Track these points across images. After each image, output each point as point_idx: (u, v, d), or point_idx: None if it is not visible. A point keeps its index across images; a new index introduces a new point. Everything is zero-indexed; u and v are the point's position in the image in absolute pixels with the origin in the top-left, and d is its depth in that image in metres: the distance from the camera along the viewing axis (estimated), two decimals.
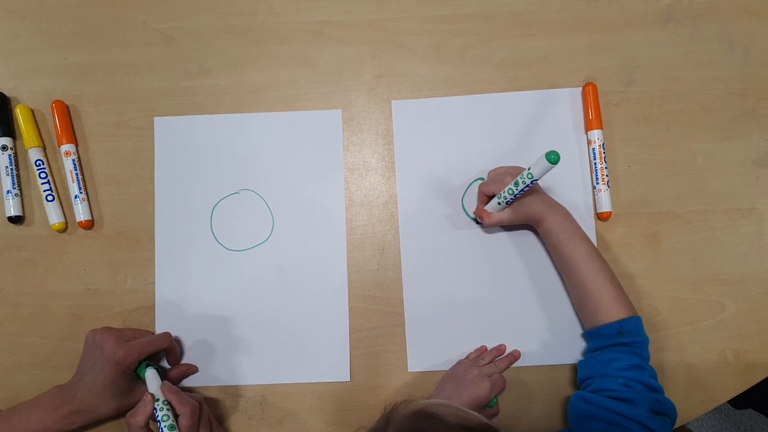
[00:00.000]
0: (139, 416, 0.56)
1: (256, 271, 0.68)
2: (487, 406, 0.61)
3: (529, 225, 0.66)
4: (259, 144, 0.70)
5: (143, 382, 0.60)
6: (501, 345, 0.66)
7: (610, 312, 0.59)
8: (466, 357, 0.66)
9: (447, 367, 0.66)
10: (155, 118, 0.70)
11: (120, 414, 0.61)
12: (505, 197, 0.60)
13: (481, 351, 0.66)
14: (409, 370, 0.67)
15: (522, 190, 0.58)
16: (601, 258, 0.62)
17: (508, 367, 0.65)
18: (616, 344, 0.58)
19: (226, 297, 0.68)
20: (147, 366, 0.60)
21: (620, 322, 0.58)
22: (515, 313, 0.67)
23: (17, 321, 0.67)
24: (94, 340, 0.60)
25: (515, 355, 0.66)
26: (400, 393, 0.67)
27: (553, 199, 0.64)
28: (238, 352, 0.67)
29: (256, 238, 0.69)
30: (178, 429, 0.56)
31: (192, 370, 0.66)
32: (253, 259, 0.68)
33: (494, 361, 0.64)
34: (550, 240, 0.63)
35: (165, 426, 0.55)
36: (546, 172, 0.55)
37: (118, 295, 0.68)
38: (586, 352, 0.63)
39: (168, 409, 0.56)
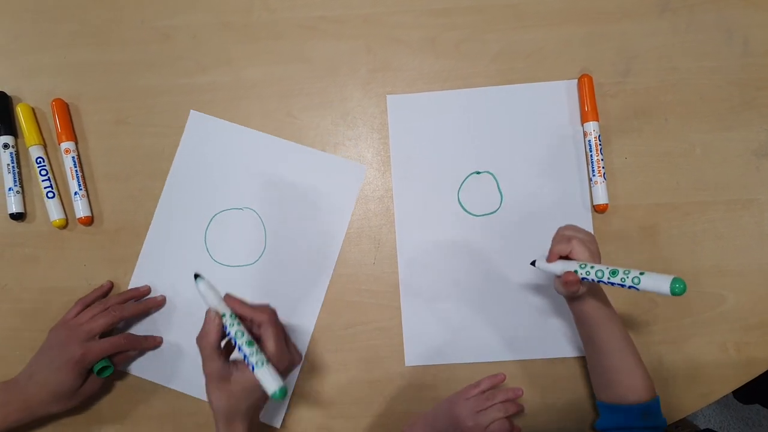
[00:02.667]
0: (211, 336, 0.50)
1: (237, 289, 0.62)
2: None
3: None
4: (278, 170, 0.69)
5: (93, 378, 0.62)
6: (517, 389, 0.62)
7: (639, 393, 0.57)
8: (478, 384, 0.61)
9: (444, 361, 0.66)
10: (191, 110, 0.70)
11: (65, 414, 0.62)
12: (587, 273, 0.52)
13: (494, 383, 0.61)
14: (406, 365, 0.67)
15: (611, 283, 0.50)
16: (630, 338, 0.59)
17: (516, 411, 0.61)
18: (641, 427, 0.55)
19: (200, 307, 0.67)
20: (196, 277, 0.52)
21: (647, 404, 0.56)
22: (513, 306, 0.67)
23: (20, 316, 0.69)
24: (57, 339, 0.61)
25: (517, 395, 0.61)
26: (397, 387, 0.67)
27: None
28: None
29: (245, 259, 0.68)
30: (257, 344, 0.49)
31: (156, 303, 0.66)
32: (235, 277, 0.68)
33: (504, 403, 0.60)
34: (585, 321, 0.58)
35: (243, 343, 0.48)
36: (654, 292, 0.48)
37: (118, 290, 0.69)
38: (598, 427, 0.60)
39: (239, 323, 0.50)
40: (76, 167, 0.69)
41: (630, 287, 0.49)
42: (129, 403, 0.67)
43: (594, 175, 0.67)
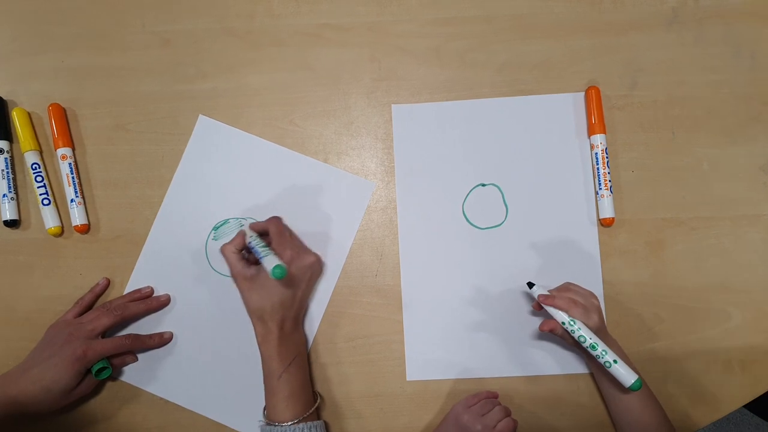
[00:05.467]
0: (233, 243, 0.60)
1: (236, 300, 0.63)
2: None
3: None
4: (284, 182, 0.68)
5: (89, 378, 0.61)
6: (494, 392, 0.64)
7: None
8: (476, 395, 0.63)
9: (446, 377, 0.65)
10: (200, 115, 0.69)
11: (57, 412, 0.60)
12: (572, 331, 0.57)
13: (491, 395, 0.63)
14: (407, 379, 0.66)
15: (586, 351, 0.57)
16: (653, 393, 0.60)
17: (512, 413, 0.62)
18: None
19: (197, 318, 0.66)
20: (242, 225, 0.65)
21: None
22: (518, 322, 0.66)
23: (13, 326, 0.67)
24: (57, 336, 0.60)
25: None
26: (399, 402, 0.66)
27: (612, 338, 0.61)
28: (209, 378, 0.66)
29: None
30: (269, 247, 0.58)
31: (159, 303, 0.66)
32: (235, 287, 0.63)
33: (501, 406, 0.61)
34: (608, 383, 0.60)
35: (256, 244, 0.58)
36: (617, 377, 0.55)
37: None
38: None
39: (257, 237, 0.60)
40: (72, 174, 0.67)
41: (604, 364, 0.56)
42: (122, 414, 0.66)
43: (600, 189, 0.66)
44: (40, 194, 0.67)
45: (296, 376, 0.59)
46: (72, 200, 0.67)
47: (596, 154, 0.67)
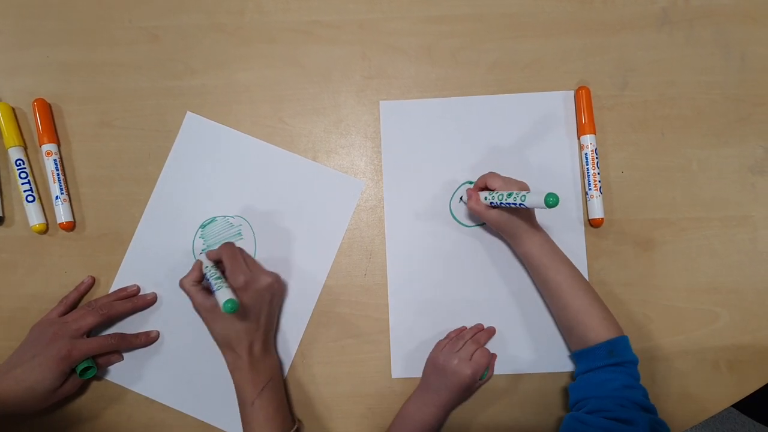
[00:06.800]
0: (190, 276, 0.60)
1: None
2: (480, 379, 0.61)
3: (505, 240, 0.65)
4: (273, 180, 0.67)
5: (74, 378, 0.60)
6: (478, 324, 0.66)
7: (599, 332, 0.57)
8: (446, 336, 0.65)
9: None
10: (187, 112, 0.68)
11: (41, 412, 0.60)
12: (492, 198, 0.59)
13: (460, 331, 0.65)
14: (392, 377, 0.66)
15: (508, 204, 0.56)
16: (584, 278, 0.61)
17: (488, 340, 0.65)
18: (608, 365, 0.56)
19: (183, 317, 0.65)
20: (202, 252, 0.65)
21: (610, 342, 0.57)
22: (504, 320, 0.66)
23: None
24: (41, 335, 0.59)
25: (491, 331, 0.65)
26: (386, 401, 0.65)
27: (536, 222, 0.62)
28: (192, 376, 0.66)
29: None
30: (224, 277, 0.58)
31: (146, 301, 0.65)
32: None
33: (474, 337, 0.63)
34: (531, 262, 0.62)
35: (210, 276, 0.58)
36: (536, 207, 0.53)
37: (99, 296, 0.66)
38: (575, 375, 0.61)
39: (213, 266, 0.60)
40: (57, 170, 0.66)
41: (521, 205, 0.54)
42: (108, 414, 0.65)
43: (590, 189, 0.66)
44: (25, 191, 0.66)
45: (270, 402, 0.58)
46: (57, 197, 0.66)
47: (586, 154, 0.66)
